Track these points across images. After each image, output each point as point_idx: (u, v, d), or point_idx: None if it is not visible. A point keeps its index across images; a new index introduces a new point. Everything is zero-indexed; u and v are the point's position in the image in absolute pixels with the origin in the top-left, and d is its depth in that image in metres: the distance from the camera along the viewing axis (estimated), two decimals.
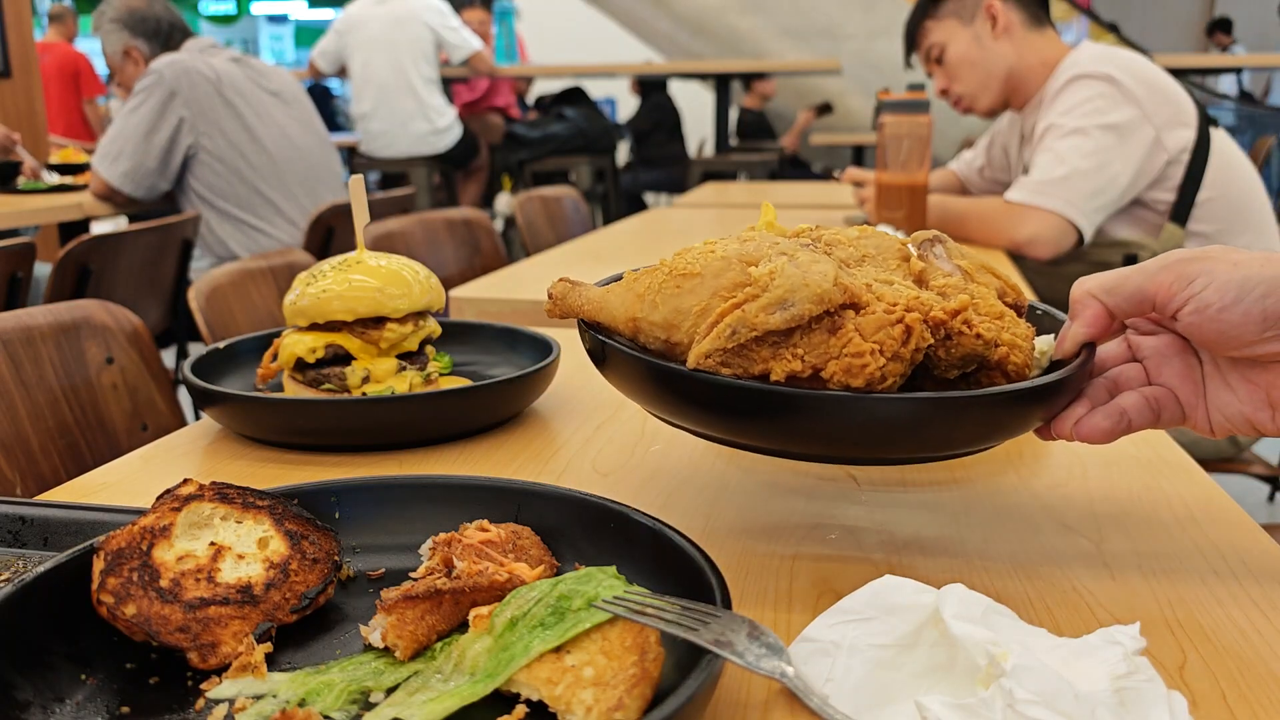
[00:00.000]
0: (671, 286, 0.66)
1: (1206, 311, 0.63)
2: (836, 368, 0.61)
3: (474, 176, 6.00)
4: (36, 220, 3.06)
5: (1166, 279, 0.65)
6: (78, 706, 0.51)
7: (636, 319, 0.68)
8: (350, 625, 0.60)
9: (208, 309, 1.63)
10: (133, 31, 3.15)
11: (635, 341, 0.69)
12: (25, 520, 0.71)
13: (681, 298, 0.66)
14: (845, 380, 0.61)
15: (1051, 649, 0.50)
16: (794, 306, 0.62)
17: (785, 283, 0.62)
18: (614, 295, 0.70)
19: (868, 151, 6.67)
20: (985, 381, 0.68)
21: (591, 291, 0.73)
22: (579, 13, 8.76)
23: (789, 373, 0.62)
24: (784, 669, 0.50)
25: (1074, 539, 0.74)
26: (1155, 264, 0.66)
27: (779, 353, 0.63)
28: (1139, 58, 2.23)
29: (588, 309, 0.72)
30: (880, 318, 0.62)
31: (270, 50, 16.79)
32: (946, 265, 0.72)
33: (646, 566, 0.61)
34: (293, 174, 3.12)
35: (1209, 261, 0.64)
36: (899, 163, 2.30)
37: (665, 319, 0.66)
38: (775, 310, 0.62)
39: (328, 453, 0.94)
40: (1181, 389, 0.69)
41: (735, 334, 0.62)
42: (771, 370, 0.63)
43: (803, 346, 0.63)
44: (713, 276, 0.65)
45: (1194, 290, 0.64)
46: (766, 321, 0.62)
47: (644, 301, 0.67)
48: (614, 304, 0.70)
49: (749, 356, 0.63)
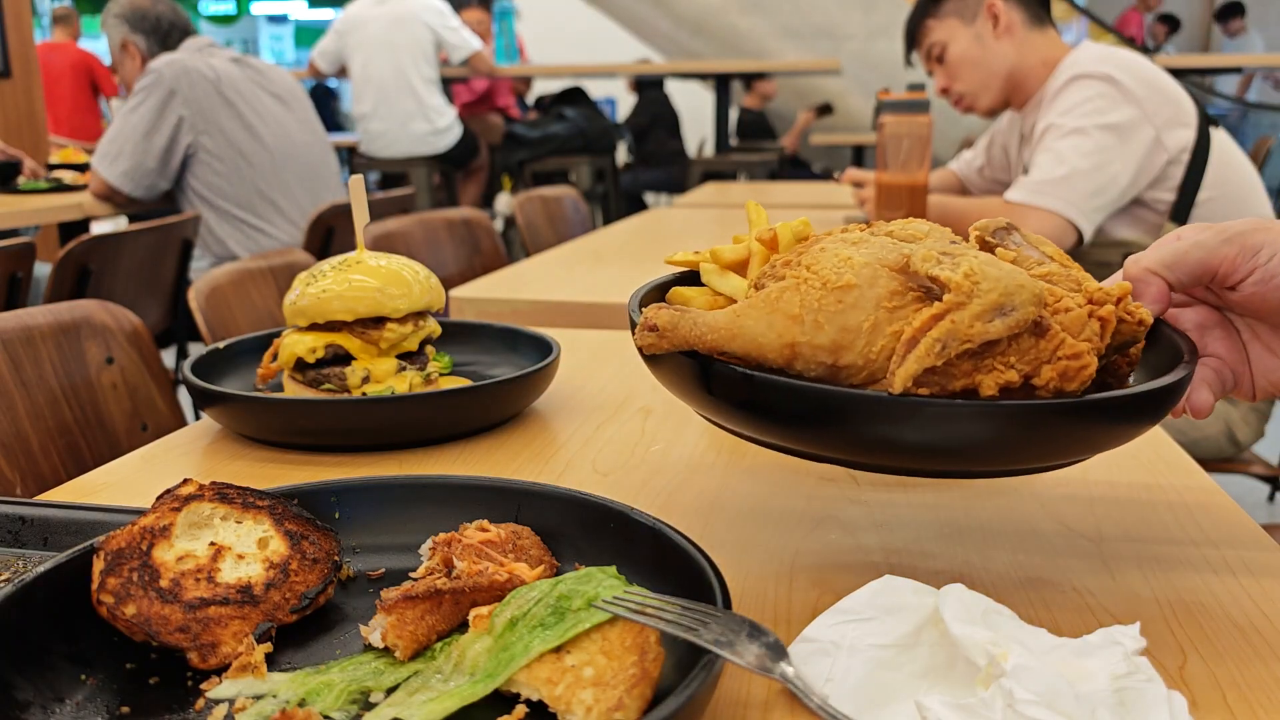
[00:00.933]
0: (833, 302, 0.59)
1: (1272, 281, 0.64)
2: (1052, 372, 0.56)
3: (474, 176, 6.00)
4: (36, 220, 3.06)
5: (1229, 251, 0.65)
6: (78, 706, 0.51)
7: (796, 344, 0.59)
8: (350, 625, 0.60)
9: (208, 309, 1.63)
10: (132, 26, 3.15)
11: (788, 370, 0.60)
12: (25, 520, 0.71)
13: (846, 314, 0.58)
14: (1061, 385, 0.56)
15: (1051, 649, 0.50)
16: (1015, 311, 0.55)
17: (997, 286, 0.55)
18: (751, 320, 0.60)
19: (868, 151, 6.67)
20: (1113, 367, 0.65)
21: (712, 318, 0.62)
22: (579, 13, 8.76)
23: (1002, 384, 0.56)
24: (784, 669, 0.50)
25: (1074, 539, 0.74)
26: (1215, 238, 0.66)
27: (983, 364, 0.56)
28: (1139, 58, 2.23)
29: (713, 338, 0.61)
30: (1080, 315, 0.58)
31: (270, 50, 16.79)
32: (1034, 254, 0.68)
33: (646, 566, 0.61)
34: (292, 174, 3.12)
35: (1272, 232, 0.65)
36: (899, 163, 2.30)
37: (833, 340, 0.58)
38: (994, 317, 0.55)
39: (328, 453, 0.94)
40: (1229, 357, 0.70)
41: (946, 348, 0.55)
42: (980, 384, 0.56)
43: (1012, 354, 0.56)
44: (869, 286, 0.59)
45: (1260, 260, 0.65)
46: (985, 331, 0.55)
47: (804, 323, 0.59)
48: (755, 329, 0.60)
49: (948, 373, 0.56)
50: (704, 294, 0.74)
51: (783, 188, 4.08)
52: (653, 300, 0.75)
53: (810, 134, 7.53)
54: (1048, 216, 2.11)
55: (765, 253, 0.73)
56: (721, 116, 6.45)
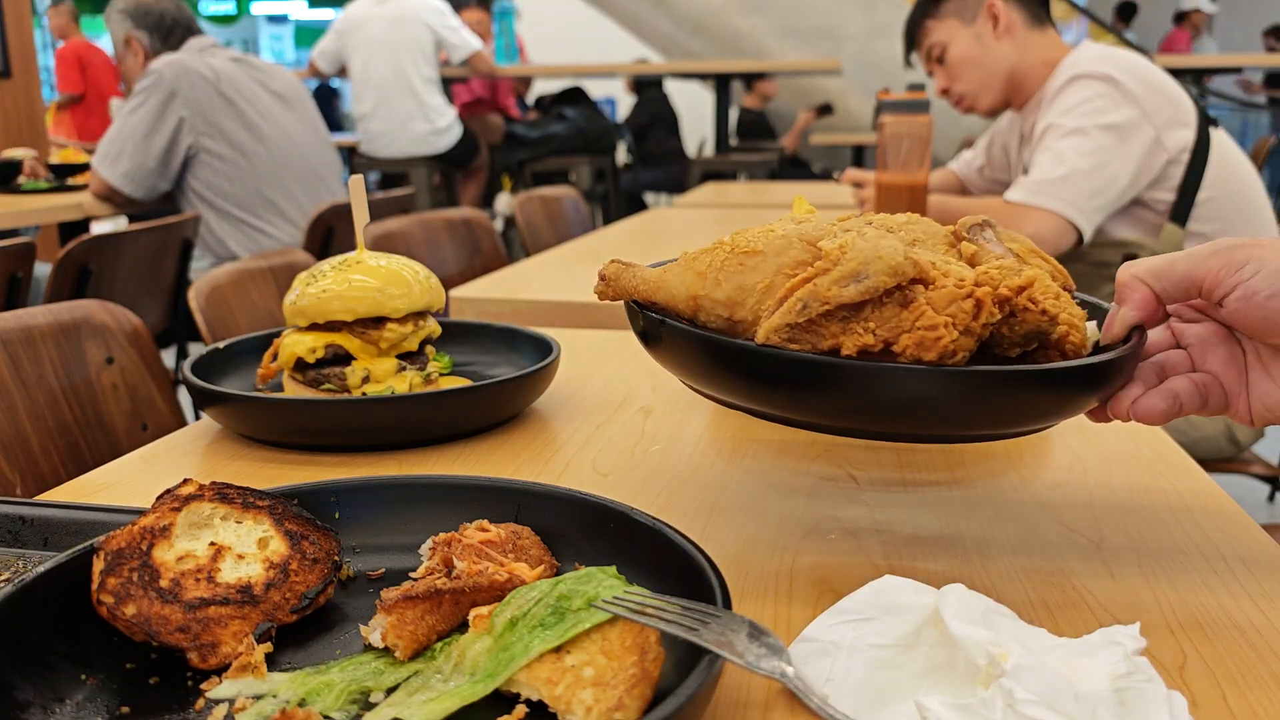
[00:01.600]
0: (734, 264, 0.66)
1: (1254, 298, 0.64)
2: (909, 341, 0.61)
3: (474, 176, 5.99)
4: (36, 220, 3.06)
5: (1215, 264, 0.65)
6: (78, 706, 0.51)
7: (698, 296, 0.67)
8: (350, 625, 0.60)
9: (208, 309, 1.63)
10: (135, 22, 3.15)
11: (694, 320, 0.68)
12: (25, 520, 0.71)
13: (745, 275, 0.65)
14: (918, 354, 0.61)
15: (1051, 649, 0.50)
16: (868, 279, 0.61)
17: (858, 255, 0.61)
18: (672, 274, 0.69)
19: (868, 151, 6.67)
20: (1043, 360, 0.67)
21: (647, 272, 0.71)
22: (579, 13, 8.76)
23: (860, 347, 0.61)
24: (784, 669, 0.50)
25: (1074, 539, 0.74)
26: (1204, 250, 0.66)
27: (849, 327, 0.62)
28: (1139, 58, 2.23)
29: (643, 289, 0.71)
30: (951, 291, 0.62)
31: (270, 50, 16.79)
32: (999, 249, 0.72)
33: (646, 566, 0.61)
34: (293, 174, 3.12)
35: (1259, 249, 0.64)
36: (899, 163, 2.30)
37: (729, 296, 0.65)
38: (849, 283, 0.61)
39: (328, 453, 0.94)
40: (1225, 376, 0.69)
41: (806, 308, 0.61)
42: (842, 345, 0.62)
43: (874, 320, 0.62)
44: (775, 254, 0.65)
45: (1243, 276, 0.64)
46: (840, 294, 0.61)
47: (706, 279, 0.66)
48: (673, 283, 0.69)
49: (818, 332, 0.62)
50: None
51: (783, 188, 4.08)
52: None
53: (810, 134, 7.53)
54: (1047, 216, 2.11)
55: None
56: (721, 116, 6.45)
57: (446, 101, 5.47)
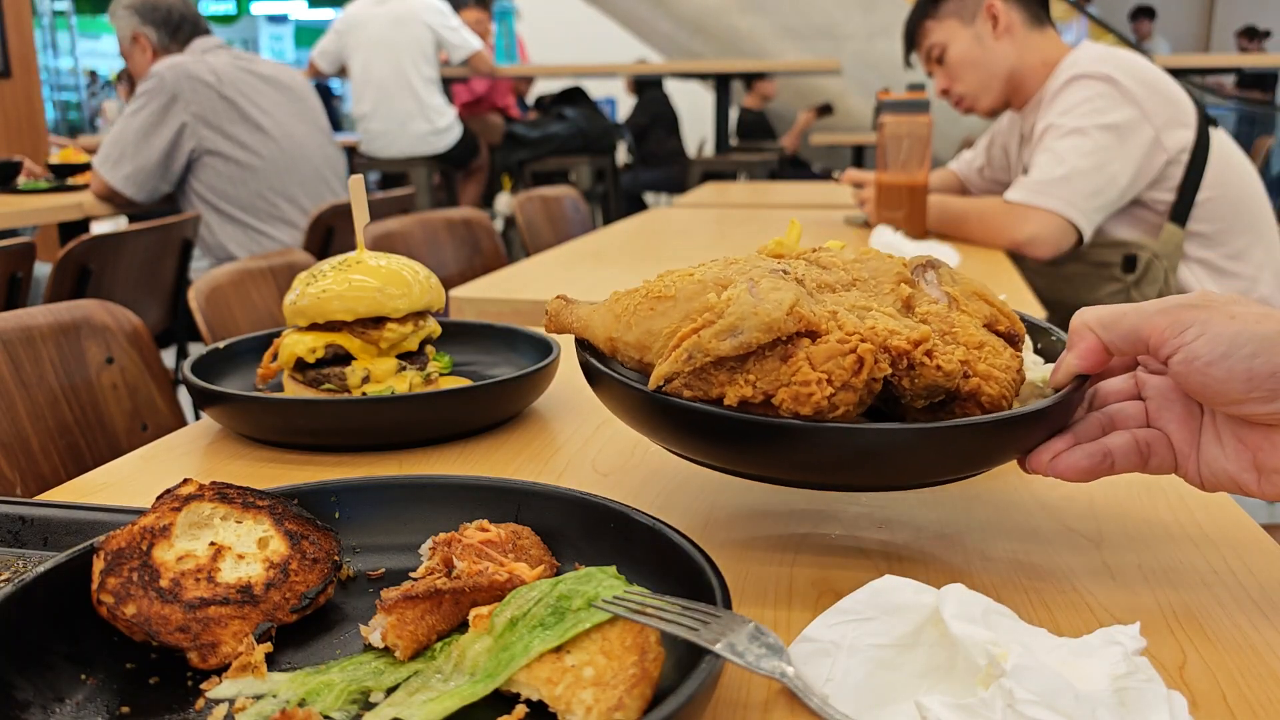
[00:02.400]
0: (645, 309, 0.69)
1: (1194, 363, 0.61)
2: (785, 395, 0.63)
3: (474, 176, 5.99)
4: (36, 220, 3.06)
5: (1162, 323, 0.63)
6: (78, 706, 0.51)
7: (613, 339, 0.70)
8: (350, 625, 0.60)
9: (208, 309, 1.63)
10: (143, 18, 3.14)
11: (613, 358, 0.72)
12: (25, 520, 0.71)
13: (654, 319, 0.68)
14: (794, 408, 0.62)
15: (1051, 649, 0.50)
16: (742, 334, 0.63)
17: (737, 310, 0.64)
18: (596, 315, 0.73)
19: (868, 151, 6.67)
20: (959, 413, 0.67)
21: (580, 309, 0.75)
22: (579, 13, 8.76)
23: (740, 398, 0.64)
24: (784, 669, 0.50)
25: (1074, 539, 0.74)
26: (1154, 305, 0.64)
27: (734, 378, 0.64)
28: (1138, 58, 2.23)
29: (576, 326, 0.75)
30: (832, 347, 0.63)
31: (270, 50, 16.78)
32: (935, 292, 0.72)
33: (646, 566, 0.61)
34: (297, 176, 3.11)
35: (1206, 310, 0.62)
36: (899, 163, 2.30)
37: (638, 340, 0.69)
38: (726, 337, 0.63)
39: (328, 453, 0.94)
40: (1177, 435, 0.66)
41: (691, 358, 0.64)
42: (725, 394, 0.64)
43: (755, 373, 0.64)
44: (685, 300, 0.67)
45: (1186, 339, 0.62)
46: (718, 348, 0.63)
47: (620, 322, 0.70)
48: (595, 323, 0.73)
49: (708, 380, 0.65)
50: None
51: (783, 188, 4.08)
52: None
53: (810, 134, 7.53)
54: (1047, 216, 2.11)
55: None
56: (721, 116, 6.45)
57: (446, 101, 5.47)
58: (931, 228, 2.33)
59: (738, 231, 2.56)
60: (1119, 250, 2.22)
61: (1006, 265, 2.02)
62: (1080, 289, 2.27)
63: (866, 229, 2.46)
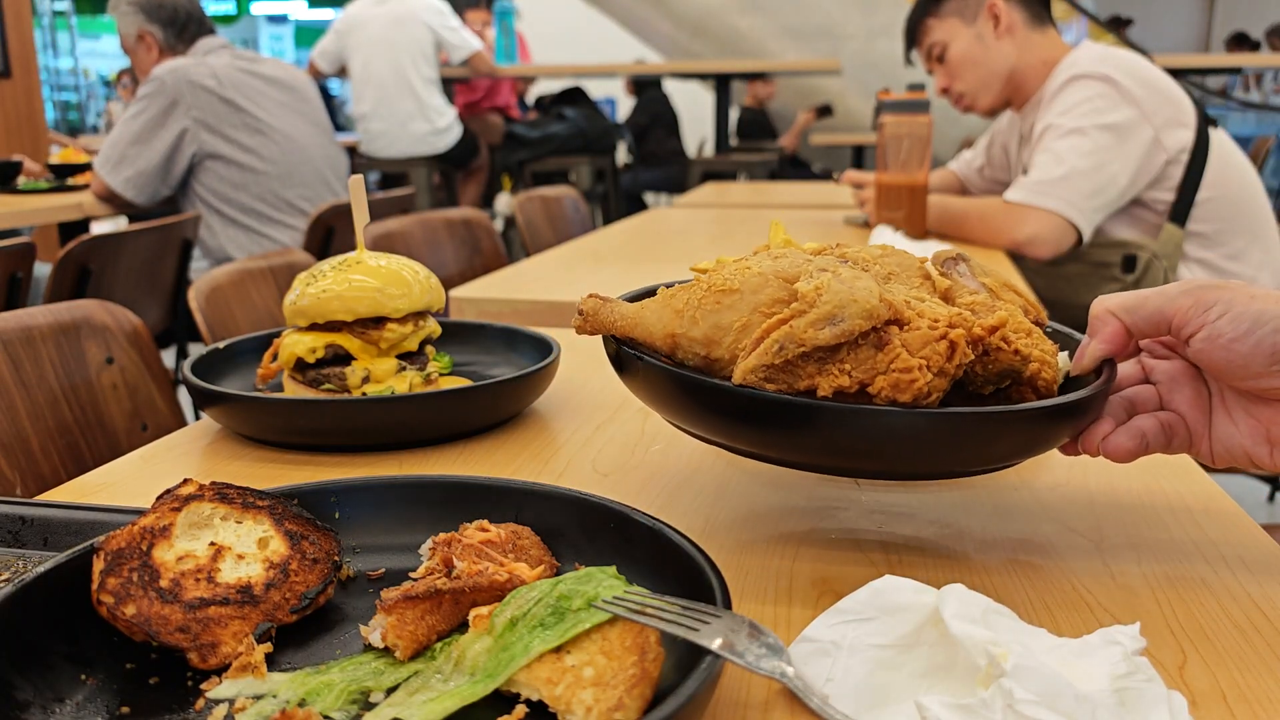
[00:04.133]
0: (711, 302, 0.66)
1: (1219, 340, 0.65)
2: (884, 383, 0.62)
3: (474, 176, 5.99)
4: (36, 220, 3.06)
5: (1185, 303, 0.66)
6: (78, 706, 0.51)
7: (675, 335, 0.67)
8: (350, 625, 0.60)
9: (208, 309, 1.63)
10: (148, 16, 3.13)
11: (673, 357, 0.69)
12: (25, 520, 0.71)
13: (721, 314, 0.66)
14: (893, 395, 0.62)
15: (1051, 649, 0.50)
16: (844, 322, 0.62)
17: (833, 298, 0.62)
18: (650, 311, 0.70)
19: (868, 151, 6.67)
20: (1016, 397, 0.69)
21: (625, 308, 0.71)
22: (579, 13, 8.76)
23: (836, 388, 0.62)
24: (784, 669, 0.50)
25: (1074, 539, 0.74)
26: (1176, 288, 0.67)
27: (825, 368, 0.63)
28: (1138, 58, 2.23)
29: (621, 325, 0.71)
30: (925, 333, 0.63)
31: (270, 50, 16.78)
32: (972, 283, 0.73)
33: (646, 566, 0.61)
34: (299, 178, 3.11)
35: (1228, 291, 0.65)
36: (899, 163, 2.30)
37: (705, 335, 0.66)
38: (824, 326, 0.62)
39: (328, 453, 0.94)
40: (1190, 415, 0.70)
41: (783, 349, 0.62)
42: (818, 386, 0.63)
43: (850, 362, 0.63)
44: (752, 292, 0.66)
45: (1210, 318, 0.65)
46: (815, 337, 0.62)
47: (683, 317, 0.67)
48: (650, 320, 0.69)
49: (794, 372, 0.63)
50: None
51: (783, 188, 4.08)
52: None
53: (810, 134, 7.53)
54: (1047, 216, 2.11)
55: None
56: (721, 116, 6.45)
57: (446, 101, 5.47)
58: (931, 228, 2.33)
59: (738, 231, 2.56)
60: (1119, 250, 2.22)
61: (1006, 265, 2.03)
62: (1080, 289, 2.27)
63: (866, 229, 2.46)
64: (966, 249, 2.14)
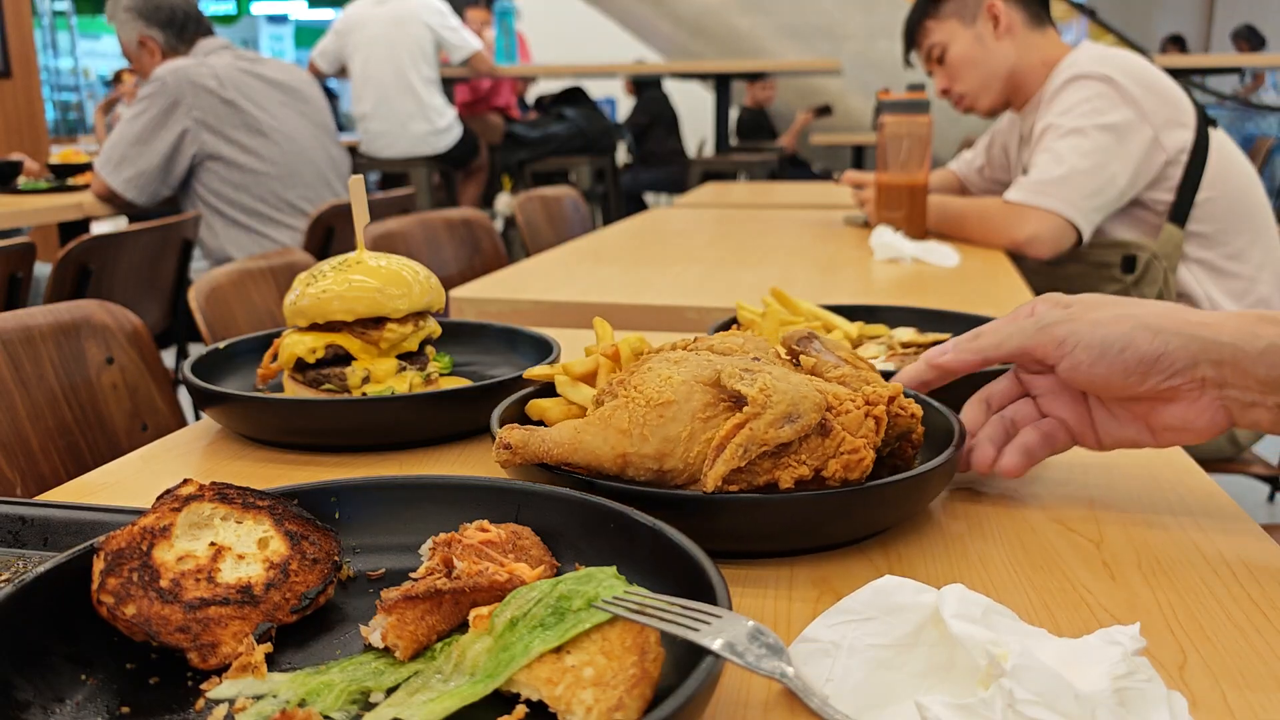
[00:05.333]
0: (654, 417, 0.69)
1: (1080, 369, 0.75)
2: (837, 465, 0.68)
3: (474, 176, 5.99)
4: (36, 220, 3.06)
5: (1043, 339, 0.76)
6: (78, 706, 0.51)
7: (627, 454, 0.69)
8: (350, 625, 0.60)
9: (208, 309, 1.63)
10: (147, 21, 3.13)
11: (621, 476, 0.70)
12: (25, 520, 0.71)
13: (666, 426, 0.69)
14: (844, 475, 0.68)
15: (1051, 649, 0.50)
16: (800, 418, 0.67)
17: (784, 398, 0.67)
18: (589, 435, 0.71)
19: (868, 151, 6.67)
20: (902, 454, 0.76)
21: (557, 434, 0.72)
22: (579, 13, 8.76)
23: (797, 478, 0.67)
24: (784, 669, 0.50)
25: (1074, 539, 0.74)
26: (1031, 324, 0.77)
27: (779, 462, 0.67)
28: (1138, 58, 2.23)
29: (557, 452, 0.71)
30: (857, 415, 0.69)
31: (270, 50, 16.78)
32: (832, 358, 0.79)
33: (646, 566, 0.61)
34: (300, 179, 3.11)
35: (1074, 323, 0.75)
36: (899, 163, 2.30)
37: (658, 449, 0.69)
38: (783, 424, 0.67)
39: (328, 453, 0.94)
40: (1071, 419, 0.80)
41: (747, 451, 0.66)
42: (779, 479, 0.67)
43: (804, 452, 0.68)
44: (685, 401, 0.70)
45: (1065, 349, 0.75)
46: (777, 436, 0.66)
47: (631, 436, 0.69)
48: (594, 443, 0.70)
49: (753, 470, 0.67)
50: (559, 404, 0.86)
51: (783, 187, 4.08)
52: (514, 414, 0.87)
53: (810, 134, 7.53)
54: (1047, 216, 2.11)
55: (611, 365, 0.87)
56: (721, 116, 6.46)
57: (446, 101, 5.47)
58: (931, 228, 2.34)
59: (738, 231, 2.56)
60: (1118, 250, 2.22)
61: (1006, 265, 2.03)
62: (1080, 289, 2.27)
63: (866, 229, 2.46)
64: (965, 249, 2.15)
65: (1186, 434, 0.75)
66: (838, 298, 1.62)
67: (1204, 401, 0.73)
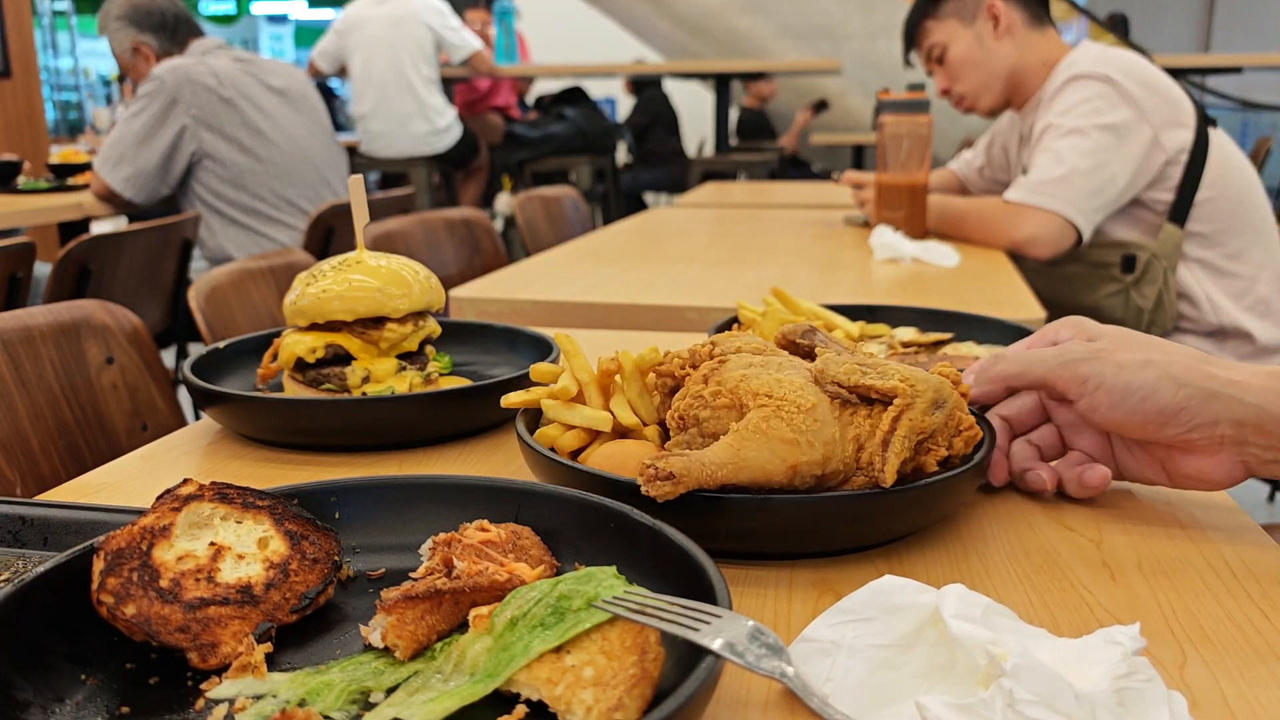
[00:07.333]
0: (811, 422, 0.69)
1: (1098, 410, 0.75)
2: (960, 443, 0.72)
3: (474, 176, 5.99)
4: (36, 220, 3.06)
5: (1065, 374, 0.76)
6: (78, 706, 0.51)
7: (797, 464, 0.68)
8: (350, 625, 0.60)
9: (208, 309, 1.63)
10: (139, 27, 3.14)
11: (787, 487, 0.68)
12: (25, 520, 0.71)
13: (822, 429, 0.70)
14: (964, 451, 0.73)
15: (1051, 649, 0.50)
16: (947, 402, 0.71)
17: (929, 385, 0.70)
18: (751, 450, 0.68)
19: (868, 151, 6.67)
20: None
21: (715, 455, 0.68)
22: (579, 13, 8.75)
23: (940, 460, 0.71)
24: (784, 669, 0.50)
25: (1074, 539, 0.74)
26: (1053, 358, 0.77)
27: (922, 447, 0.71)
28: (1137, 58, 2.23)
29: (723, 474, 0.67)
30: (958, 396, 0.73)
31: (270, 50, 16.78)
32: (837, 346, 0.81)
33: (646, 566, 0.61)
34: (299, 178, 3.11)
35: (1098, 363, 0.74)
36: (899, 163, 2.30)
37: (823, 454, 0.69)
38: (934, 410, 0.70)
39: (328, 453, 0.94)
40: (1093, 451, 0.81)
41: (908, 440, 0.69)
42: (924, 464, 0.71)
43: (941, 435, 0.71)
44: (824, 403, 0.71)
45: (1087, 389, 0.75)
46: (932, 422, 0.70)
47: (798, 446, 0.68)
48: (759, 458, 0.68)
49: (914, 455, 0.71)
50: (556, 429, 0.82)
51: (782, 187, 4.08)
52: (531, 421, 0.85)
53: (810, 133, 7.53)
54: (1047, 216, 2.11)
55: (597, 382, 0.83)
56: (721, 116, 6.45)
57: (446, 101, 5.47)
58: (931, 227, 2.34)
59: (738, 231, 2.56)
60: (1118, 250, 2.22)
61: (1006, 265, 2.02)
62: (1080, 289, 2.27)
63: (866, 229, 2.46)
64: (965, 249, 2.15)
65: (1203, 483, 0.75)
66: (838, 298, 1.62)
67: (1222, 456, 0.73)
